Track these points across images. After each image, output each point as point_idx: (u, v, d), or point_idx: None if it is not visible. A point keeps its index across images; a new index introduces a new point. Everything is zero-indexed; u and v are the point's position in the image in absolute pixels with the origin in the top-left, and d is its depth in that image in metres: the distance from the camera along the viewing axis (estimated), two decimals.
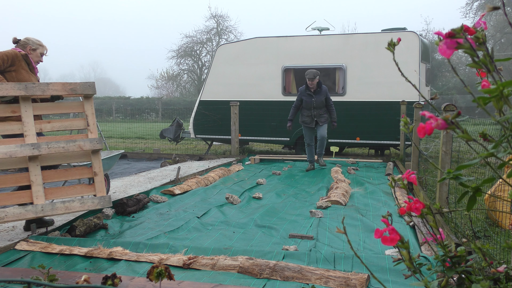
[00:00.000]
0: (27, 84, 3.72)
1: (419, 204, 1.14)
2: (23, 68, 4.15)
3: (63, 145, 3.76)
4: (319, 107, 7.70)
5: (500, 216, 4.55)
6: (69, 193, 3.93)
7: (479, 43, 0.96)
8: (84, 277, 2.08)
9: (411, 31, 9.43)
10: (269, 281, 2.97)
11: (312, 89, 7.63)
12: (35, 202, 3.69)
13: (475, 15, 27.76)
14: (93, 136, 3.93)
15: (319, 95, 7.64)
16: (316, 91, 7.65)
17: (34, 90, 3.71)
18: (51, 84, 3.80)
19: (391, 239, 1.09)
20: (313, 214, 4.89)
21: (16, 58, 4.12)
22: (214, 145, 12.94)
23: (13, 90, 3.62)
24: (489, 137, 1.01)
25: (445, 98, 22.69)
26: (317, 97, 7.64)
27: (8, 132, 3.75)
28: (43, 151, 3.69)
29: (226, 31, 35.54)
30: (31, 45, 4.35)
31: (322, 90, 7.67)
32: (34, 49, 4.35)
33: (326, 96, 7.71)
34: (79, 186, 4.02)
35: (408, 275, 1.22)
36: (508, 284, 1.18)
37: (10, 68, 4.08)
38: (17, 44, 4.36)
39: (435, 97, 1.27)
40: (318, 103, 7.67)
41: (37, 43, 4.40)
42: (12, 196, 3.69)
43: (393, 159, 9.20)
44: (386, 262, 3.17)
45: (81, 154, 3.96)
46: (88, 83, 3.99)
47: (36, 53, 4.37)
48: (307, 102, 7.69)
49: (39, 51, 4.39)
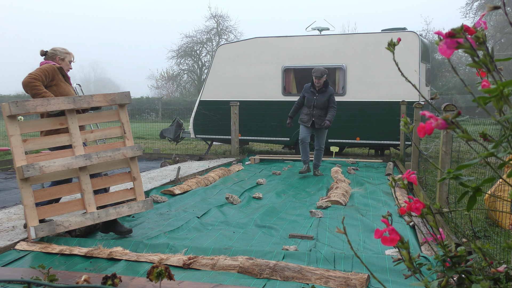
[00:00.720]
0: (74, 97, 3.88)
1: (419, 204, 1.14)
2: (61, 80, 4.23)
3: (110, 154, 4.01)
4: (319, 108, 7.18)
5: (500, 216, 4.55)
6: (113, 198, 4.16)
7: (479, 42, 0.96)
8: (84, 277, 2.08)
9: (411, 31, 9.43)
10: (269, 281, 2.97)
11: (317, 87, 7.20)
12: (88, 210, 3.90)
13: (475, 15, 27.76)
14: (129, 143, 4.18)
15: (323, 94, 7.16)
16: (321, 90, 7.18)
17: (81, 103, 3.91)
18: (94, 96, 4.00)
19: (391, 239, 1.09)
20: (313, 214, 4.89)
21: (54, 72, 4.18)
22: (214, 145, 12.94)
23: (64, 104, 3.80)
24: (489, 137, 1.00)
25: (445, 98, 22.69)
26: (320, 96, 7.16)
27: (59, 144, 3.91)
28: (94, 161, 3.92)
29: (226, 31, 35.54)
30: (60, 55, 4.39)
31: (328, 91, 7.18)
32: (63, 58, 4.40)
33: (330, 98, 7.19)
34: (121, 192, 4.24)
35: (408, 275, 1.22)
36: (508, 284, 1.18)
37: (51, 83, 4.15)
38: (45, 56, 4.39)
39: (435, 97, 1.27)
40: (320, 103, 7.16)
41: (64, 52, 4.44)
42: (68, 205, 3.86)
43: (393, 159, 9.20)
44: (386, 262, 3.17)
45: (121, 161, 4.19)
46: (125, 92, 4.19)
47: (65, 62, 4.43)
48: (308, 100, 7.22)
49: (67, 60, 4.44)
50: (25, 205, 3.58)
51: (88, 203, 3.91)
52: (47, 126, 3.85)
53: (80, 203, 3.90)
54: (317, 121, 7.21)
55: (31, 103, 3.61)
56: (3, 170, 8.68)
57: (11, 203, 5.77)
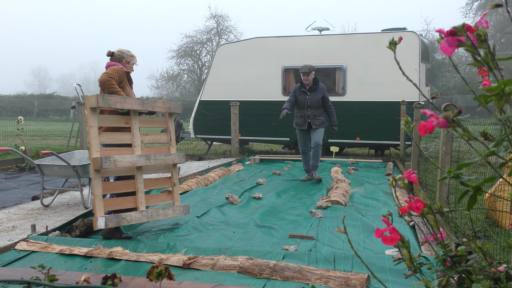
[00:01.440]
0: (143, 100, 4.13)
1: (419, 203, 1.14)
2: (126, 84, 4.39)
3: (163, 158, 4.26)
4: (314, 107, 6.70)
5: (500, 216, 4.55)
6: (156, 201, 4.40)
7: (481, 40, 0.95)
8: (84, 277, 2.07)
9: (411, 31, 9.43)
10: (269, 281, 2.97)
11: (307, 86, 6.70)
12: (139, 208, 4.08)
13: (475, 15, 27.76)
14: (173, 150, 4.47)
15: (314, 93, 6.68)
16: (312, 88, 6.69)
17: (147, 106, 4.16)
18: (156, 102, 4.29)
19: (391, 238, 1.08)
20: (313, 214, 4.88)
21: (123, 75, 4.33)
22: (214, 145, 12.93)
23: (135, 104, 4.02)
24: (490, 136, 1.00)
25: (445, 98, 22.70)
26: (313, 95, 6.67)
27: (123, 141, 4.07)
28: (151, 162, 4.16)
29: (226, 31, 35.54)
30: (126, 58, 4.49)
31: (319, 88, 6.70)
32: (129, 61, 4.51)
33: (323, 95, 6.70)
34: (163, 195, 4.48)
35: (409, 274, 1.22)
36: (508, 283, 1.17)
37: (120, 84, 4.28)
38: (111, 58, 4.46)
39: (436, 95, 1.27)
40: (313, 102, 6.68)
41: (130, 55, 4.53)
42: (124, 201, 4.01)
43: (393, 159, 9.19)
44: (386, 262, 3.17)
45: (166, 166, 4.43)
46: (177, 103, 4.51)
47: (130, 65, 4.53)
48: (301, 101, 6.72)
49: (132, 63, 4.54)
50: (95, 195, 3.71)
51: (140, 201, 4.12)
52: (115, 123, 4.03)
53: (133, 201, 4.08)
54: (314, 122, 6.75)
55: (113, 98, 3.80)
56: (3, 170, 8.67)
57: (11, 203, 5.77)
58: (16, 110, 26.13)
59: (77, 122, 9.55)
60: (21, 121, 9.74)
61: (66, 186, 5.58)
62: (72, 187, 6.12)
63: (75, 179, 5.28)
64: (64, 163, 4.76)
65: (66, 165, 4.74)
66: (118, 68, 4.28)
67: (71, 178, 4.99)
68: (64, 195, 5.62)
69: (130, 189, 4.08)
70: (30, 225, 4.11)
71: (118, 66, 4.34)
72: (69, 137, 10.37)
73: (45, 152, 4.76)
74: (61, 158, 4.75)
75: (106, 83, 4.09)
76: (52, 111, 28.59)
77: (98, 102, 3.65)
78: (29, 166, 8.76)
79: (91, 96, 3.69)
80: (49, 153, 4.79)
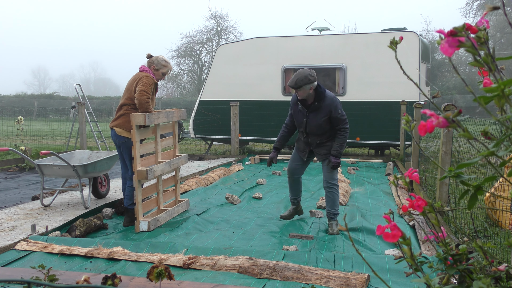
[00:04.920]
0: (167, 113, 4.68)
1: (421, 201, 1.14)
2: (153, 93, 4.59)
3: (177, 162, 4.95)
4: (314, 133, 4.44)
5: (500, 216, 4.55)
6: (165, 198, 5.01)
7: (481, 42, 0.95)
8: (84, 277, 2.07)
9: (411, 31, 9.43)
10: (269, 281, 2.97)
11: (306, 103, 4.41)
12: (160, 207, 4.79)
13: (475, 15, 27.77)
14: (177, 152, 5.16)
15: (316, 113, 4.35)
16: (313, 107, 4.36)
17: (170, 117, 4.76)
18: (174, 112, 4.86)
19: (393, 235, 1.09)
20: (313, 214, 4.88)
21: (153, 86, 4.53)
22: (214, 145, 12.93)
23: (163, 118, 4.60)
24: (490, 135, 1.00)
25: (445, 98, 22.70)
26: (313, 116, 4.37)
27: (149, 151, 4.63)
28: (171, 167, 4.82)
29: (226, 31, 35.53)
30: (156, 65, 4.60)
31: (324, 106, 4.32)
32: (157, 69, 4.61)
33: (331, 116, 4.32)
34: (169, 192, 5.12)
35: (409, 272, 1.22)
36: (509, 282, 1.18)
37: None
38: (147, 61, 4.63)
39: (437, 95, 1.27)
40: (313, 127, 4.39)
41: (162, 64, 4.62)
42: (150, 203, 4.61)
43: (393, 159, 9.20)
44: (386, 262, 3.17)
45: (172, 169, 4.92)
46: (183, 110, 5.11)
47: (158, 73, 4.63)
48: (298, 123, 4.51)
49: (161, 71, 4.64)
50: (137, 202, 4.29)
51: (160, 201, 4.81)
52: (147, 135, 4.52)
53: (154, 202, 4.71)
54: (318, 151, 4.51)
55: (153, 116, 4.37)
56: (3, 170, 8.67)
57: (11, 203, 5.77)
58: (16, 110, 26.14)
59: (77, 122, 9.55)
60: (21, 121, 9.74)
61: (66, 186, 5.57)
62: (72, 187, 6.12)
63: (75, 179, 5.28)
64: (64, 163, 4.76)
65: (66, 165, 4.74)
66: (150, 81, 4.45)
67: (71, 178, 4.99)
68: (64, 195, 5.62)
69: (152, 192, 4.65)
70: (30, 225, 4.11)
71: (150, 75, 4.49)
72: (69, 137, 10.37)
73: (45, 152, 4.76)
74: (61, 158, 4.75)
75: (145, 104, 4.36)
76: (52, 111, 28.60)
77: (146, 121, 4.19)
78: (29, 166, 8.76)
79: (139, 115, 4.19)
80: (49, 153, 4.79)
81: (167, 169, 4.70)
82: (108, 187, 5.54)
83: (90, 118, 9.84)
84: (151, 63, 4.60)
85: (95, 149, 10.18)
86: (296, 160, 4.68)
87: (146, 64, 4.64)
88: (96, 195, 5.34)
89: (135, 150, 4.20)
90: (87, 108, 9.77)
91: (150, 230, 4.25)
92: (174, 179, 5.17)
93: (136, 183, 4.22)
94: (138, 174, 4.21)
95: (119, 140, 4.49)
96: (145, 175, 4.20)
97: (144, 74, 4.46)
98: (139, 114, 4.20)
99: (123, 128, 4.46)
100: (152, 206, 4.65)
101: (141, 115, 4.19)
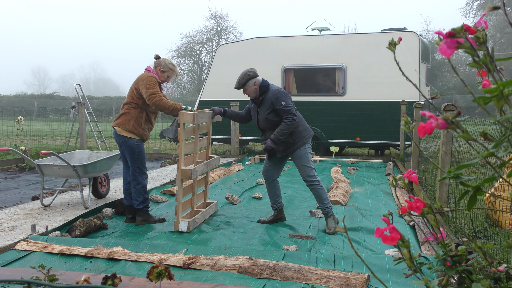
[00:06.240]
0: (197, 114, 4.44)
1: (420, 203, 1.15)
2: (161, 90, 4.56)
3: (212, 163, 4.97)
4: (266, 128, 4.46)
5: (500, 216, 4.55)
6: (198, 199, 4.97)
7: (480, 43, 0.96)
8: (84, 277, 2.07)
9: (411, 31, 9.43)
10: (269, 281, 2.97)
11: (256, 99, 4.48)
12: (193, 208, 4.76)
13: (475, 15, 27.76)
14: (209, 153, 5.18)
15: (263, 107, 4.41)
16: (259, 102, 4.45)
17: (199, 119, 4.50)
18: (205, 113, 4.62)
19: (391, 237, 1.09)
20: (313, 214, 4.89)
21: (158, 84, 4.50)
22: (214, 145, 12.93)
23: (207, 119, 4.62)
24: (489, 136, 1.01)
25: (445, 98, 22.70)
26: (261, 111, 4.44)
27: (189, 150, 4.60)
28: (209, 168, 4.86)
29: (226, 31, 35.53)
30: (162, 67, 4.58)
31: (266, 99, 4.37)
32: (164, 71, 4.59)
33: (274, 108, 4.32)
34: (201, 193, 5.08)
35: (409, 274, 1.23)
36: (508, 283, 1.18)
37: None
38: (155, 61, 4.62)
39: (436, 96, 1.27)
40: (262, 122, 4.45)
41: (168, 67, 4.60)
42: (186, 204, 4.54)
43: (393, 159, 9.20)
44: (386, 262, 3.17)
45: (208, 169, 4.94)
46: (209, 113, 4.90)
47: (163, 75, 4.61)
48: (253, 120, 4.64)
49: (166, 74, 4.61)
50: (178, 202, 4.27)
51: (194, 202, 4.79)
52: (190, 134, 4.53)
53: (189, 202, 4.70)
54: (276, 148, 4.42)
55: (199, 115, 4.36)
56: (3, 170, 8.67)
57: (11, 203, 5.77)
58: (16, 110, 26.15)
59: (77, 122, 9.55)
60: (21, 121, 9.75)
61: (66, 186, 5.58)
62: (72, 187, 6.12)
63: (75, 179, 5.28)
64: (64, 163, 4.76)
65: (66, 165, 4.74)
66: (153, 80, 4.42)
67: (71, 178, 4.99)
68: (64, 195, 5.62)
69: (188, 193, 4.64)
70: (30, 225, 4.11)
71: (152, 75, 4.46)
72: (69, 137, 10.37)
73: (45, 152, 4.76)
74: (61, 158, 4.75)
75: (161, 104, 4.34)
76: (52, 111, 28.61)
77: (194, 120, 4.20)
78: (29, 166, 8.77)
79: (187, 114, 4.20)
80: (49, 153, 4.79)
81: (205, 169, 4.69)
82: (108, 187, 5.54)
83: (90, 118, 9.84)
84: (158, 64, 4.57)
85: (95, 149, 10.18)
86: (267, 161, 4.67)
87: (152, 65, 4.61)
88: (96, 195, 5.34)
89: (180, 149, 4.19)
90: (87, 108, 9.77)
91: (189, 231, 4.21)
92: (204, 181, 5.08)
93: (179, 182, 4.21)
94: (182, 173, 4.18)
95: (120, 139, 4.50)
96: (189, 174, 4.17)
97: (147, 75, 4.44)
98: (187, 113, 4.18)
99: (122, 127, 4.45)
100: (187, 207, 4.61)
101: (189, 114, 4.17)
